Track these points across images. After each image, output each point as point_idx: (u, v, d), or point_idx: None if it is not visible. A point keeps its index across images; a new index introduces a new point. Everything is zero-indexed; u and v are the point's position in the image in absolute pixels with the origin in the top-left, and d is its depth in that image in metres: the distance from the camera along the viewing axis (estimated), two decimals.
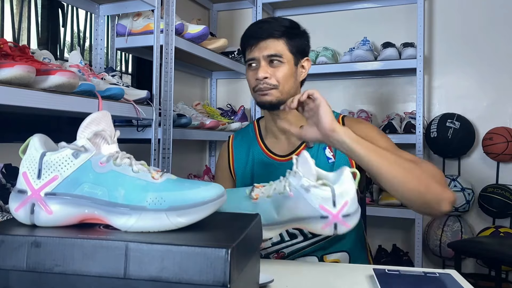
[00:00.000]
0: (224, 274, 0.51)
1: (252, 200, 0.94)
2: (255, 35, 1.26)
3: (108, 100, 1.46)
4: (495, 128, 2.66)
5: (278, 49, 1.24)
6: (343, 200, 0.87)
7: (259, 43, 1.24)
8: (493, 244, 2.28)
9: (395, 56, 2.64)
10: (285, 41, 1.25)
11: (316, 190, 0.86)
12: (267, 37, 1.24)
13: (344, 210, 0.87)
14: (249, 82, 1.29)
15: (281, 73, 1.24)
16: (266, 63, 1.24)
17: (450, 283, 0.87)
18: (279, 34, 1.24)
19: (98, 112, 0.66)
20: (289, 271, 1.00)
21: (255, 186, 0.96)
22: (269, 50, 1.24)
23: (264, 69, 1.23)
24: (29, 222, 0.63)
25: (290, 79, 1.26)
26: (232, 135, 1.46)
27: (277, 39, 1.24)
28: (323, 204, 0.87)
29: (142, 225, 0.60)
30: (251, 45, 1.26)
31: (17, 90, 1.10)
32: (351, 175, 0.88)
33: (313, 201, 0.87)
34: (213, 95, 3.06)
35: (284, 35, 1.25)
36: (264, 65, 1.24)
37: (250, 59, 1.27)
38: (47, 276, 0.55)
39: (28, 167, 0.64)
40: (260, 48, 1.24)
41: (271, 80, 1.23)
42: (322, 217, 0.87)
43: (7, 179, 1.26)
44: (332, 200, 0.86)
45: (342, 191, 0.87)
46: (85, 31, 2.15)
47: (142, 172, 0.63)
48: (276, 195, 0.91)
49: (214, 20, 3.07)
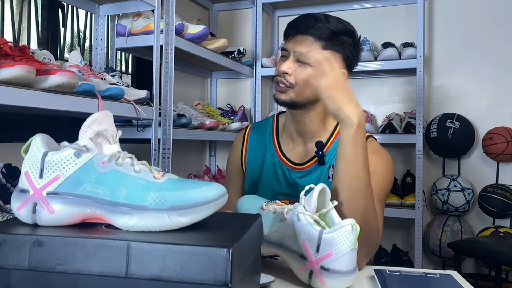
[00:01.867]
0: (226, 274, 0.51)
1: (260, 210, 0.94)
2: (296, 27, 1.18)
3: (108, 100, 1.46)
4: (495, 128, 2.66)
5: (310, 50, 1.14)
6: (328, 250, 0.78)
7: (296, 36, 1.17)
8: (493, 244, 2.28)
9: (395, 56, 2.64)
10: (323, 44, 1.15)
11: (305, 223, 0.81)
12: (305, 33, 1.16)
13: (325, 261, 0.78)
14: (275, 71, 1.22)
15: (303, 75, 1.14)
16: (294, 58, 1.16)
17: (451, 284, 0.87)
18: (319, 36, 1.15)
19: (100, 112, 0.66)
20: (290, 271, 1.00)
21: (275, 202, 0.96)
22: (300, 47, 1.15)
23: (289, 64, 1.16)
24: (31, 221, 0.63)
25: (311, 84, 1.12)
26: (250, 126, 1.39)
27: (315, 39, 1.15)
28: (306, 243, 0.80)
29: (143, 225, 0.60)
30: (289, 35, 1.20)
31: (17, 90, 1.10)
32: (350, 228, 0.78)
33: (300, 234, 0.81)
34: (213, 95, 3.07)
35: (325, 38, 1.15)
36: (291, 59, 1.16)
37: (283, 49, 1.20)
38: (49, 275, 0.55)
39: (30, 166, 0.64)
40: (295, 41, 1.17)
41: (291, 78, 1.16)
42: (302, 257, 0.82)
43: (7, 179, 1.26)
44: (316, 244, 0.79)
45: (331, 239, 0.78)
46: (85, 31, 2.15)
47: (143, 172, 0.63)
48: (278, 214, 0.89)
49: (214, 20, 3.08)
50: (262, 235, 0.76)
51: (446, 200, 2.66)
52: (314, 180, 1.21)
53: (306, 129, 1.23)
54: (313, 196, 0.83)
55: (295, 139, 1.27)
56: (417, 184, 2.56)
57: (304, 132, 1.25)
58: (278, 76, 1.18)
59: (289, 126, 1.28)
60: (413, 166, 2.68)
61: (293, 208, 0.86)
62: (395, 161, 2.87)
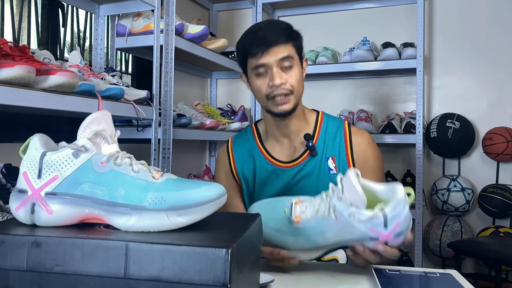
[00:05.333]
0: (224, 274, 0.51)
1: (294, 224, 0.89)
2: (264, 41, 1.19)
3: (108, 100, 1.46)
4: (495, 128, 2.66)
5: (288, 51, 1.20)
6: (395, 222, 0.83)
7: (269, 49, 1.18)
8: (493, 244, 2.28)
9: (395, 56, 2.64)
10: (292, 44, 1.21)
11: (366, 219, 0.83)
12: (277, 42, 1.19)
13: (396, 230, 0.83)
14: (259, 91, 1.23)
15: (294, 78, 1.20)
16: (278, 69, 1.19)
17: (451, 283, 0.87)
18: (286, 38, 1.20)
19: (98, 112, 0.66)
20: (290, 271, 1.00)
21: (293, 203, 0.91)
22: (282, 53, 1.18)
23: (279, 75, 1.18)
24: (29, 222, 0.63)
25: (301, 81, 1.23)
26: (231, 139, 1.40)
27: (285, 43, 1.20)
28: (374, 228, 0.84)
29: (142, 225, 0.60)
30: (260, 52, 1.19)
31: (17, 90, 1.10)
32: (405, 196, 0.83)
33: (363, 227, 0.84)
34: (213, 95, 3.06)
35: (289, 37, 1.21)
36: (277, 71, 1.19)
37: (260, 65, 1.20)
38: (47, 276, 0.55)
39: (29, 166, 0.64)
40: (270, 54, 1.18)
41: (287, 85, 1.19)
42: (372, 239, 0.85)
43: (7, 179, 1.26)
44: (383, 224, 0.83)
45: (394, 215, 0.82)
46: (85, 31, 2.15)
47: (142, 172, 0.63)
48: (320, 220, 0.86)
49: (214, 20, 3.07)
50: (262, 235, 0.76)
51: (446, 200, 2.66)
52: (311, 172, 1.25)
53: (291, 128, 1.28)
54: (355, 184, 0.82)
55: (281, 141, 1.31)
56: (417, 184, 2.56)
57: (289, 132, 1.28)
58: (274, 91, 1.20)
59: (275, 132, 1.31)
60: (413, 166, 2.68)
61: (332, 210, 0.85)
62: (395, 161, 2.89)
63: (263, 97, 1.23)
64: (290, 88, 1.20)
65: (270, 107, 1.23)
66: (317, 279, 0.94)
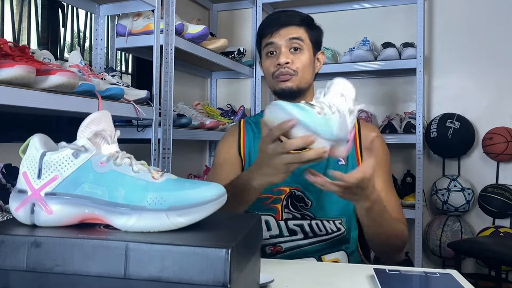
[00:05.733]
0: (224, 274, 0.51)
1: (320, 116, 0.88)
2: (276, 22, 1.26)
3: (108, 100, 1.46)
4: (495, 128, 2.66)
5: (299, 33, 1.25)
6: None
7: (280, 29, 1.25)
8: (493, 244, 2.28)
9: (395, 56, 2.64)
10: (305, 29, 1.27)
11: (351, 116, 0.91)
12: (289, 24, 1.25)
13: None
14: (267, 70, 1.28)
15: (301, 61, 1.24)
16: (287, 49, 1.24)
17: (451, 283, 0.87)
18: (299, 22, 1.26)
19: (98, 112, 0.66)
20: (290, 271, 1.00)
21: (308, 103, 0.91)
22: (291, 34, 1.24)
23: (286, 54, 1.23)
24: (29, 222, 0.63)
25: (309, 68, 1.26)
26: (243, 120, 1.44)
27: (298, 26, 1.26)
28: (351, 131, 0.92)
29: (142, 225, 0.60)
30: (271, 32, 1.26)
31: (17, 90, 1.10)
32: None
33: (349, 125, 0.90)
34: (213, 95, 3.06)
35: (304, 23, 1.27)
36: (285, 51, 1.24)
37: (269, 44, 1.26)
38: (47, 276, 0.55)
39: (28, 167, 0.64)
40: (281, 34, 1.25)
41: (292, 65, 1.23)
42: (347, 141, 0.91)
43: (7, 179, 1.26)
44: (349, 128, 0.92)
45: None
46: (85, 31, 2.15)
47: (142, 172, 0.63)
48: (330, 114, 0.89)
49: (214, 20, 3.07)
50: (262, 234, 0.76)
51: (446, 200, 2.66)
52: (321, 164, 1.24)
53: None
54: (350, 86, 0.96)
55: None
56: (417, 184, 2.56)
57: None
58: (279, 69, 1.24)
59: None
60: (413, 166, 2.68)
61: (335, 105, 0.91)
62: (395, 161, 2.89)
63: (269, 76, 1.27)
64: (295, 69, 1.23)
65: (275, 86, 1.27)
66: (317, 279, 0.94)
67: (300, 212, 1.27)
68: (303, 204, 1.26)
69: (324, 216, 1.25)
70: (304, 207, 1.26)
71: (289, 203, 1.27)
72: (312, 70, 1.28)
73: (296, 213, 1.27)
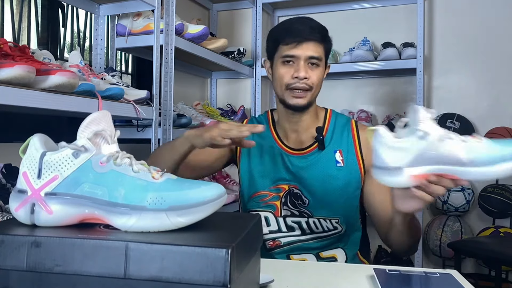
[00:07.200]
0: (224, 274, 0.51)
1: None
2: (300, 34, 1.24)
3: (108, 100, 1.46)
4: (495, 128, 2.66)
5: (320, 53, 1.26)
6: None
7: (303, 43, 1.24)
8: (493, 244, 2.28)
9: (395, 56, 2.64)
10: (323, 45, 1.27)
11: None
12: (312, 40, 1.24)
13: None
14: (281, 78, 1.27)
15: (317, 77, 1.26)
16: (306, 64, 1.25)
17: (451, 283, 0.87)
18: (321, 38, 1.26)
19: (98, 112, 0.66)
20: (290, 271, 1.00)
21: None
22: (312, 52, 1.24)
23: (305, 69, 1.24)
24: (29, 222, 0.63)
25: (321, 82, 1.29)
26: (247, 119, 1.46)
27: (319, 42, 1.26)
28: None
29: (142, 225, 0.60)
30: (293, 42, 1.24)
31: (17, 90, 1.10)
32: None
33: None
34: (213, 95, 3.06)
35: (323, 39, 1.27)
36: (304, 65, 1.24)
37: (289, 56, 1.25)
38: (47, 276, 0.55)
39: (28, 167, 0.64)
40: (303, 48, 1.24)
41: (309, 81, 1.24)
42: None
43: (7, 179, 1.26)
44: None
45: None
46: (85, 31, 2.15)
47: (142, 172, 0.63)
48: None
49: (214, 20, 3.07)
50: (262, 234, 0.76)
51: (446, 200, 2.66)
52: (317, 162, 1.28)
53: (302, 124, 1.32)
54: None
55: (289, 134, 1.34)
56: None
57: (299, 127, 1.32)
58: (296, 83, 1.24)
59: (285, 125, 1.35)
60: None
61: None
62: None
63: (282, 85, 1.27)
64: (311, 85, 1.25)
65: (285, 98, 1.27)
66: (317, 279, 0.94)
67: (298, 210, 1.29)
68: (301, 202, 1.28)
69: (320, 214, 1.27)
70: (302, 205, 1.28)
71: (288, 200, 1.29)
72: (321, 84, 1.31)
73: (294, 210, 1.29)
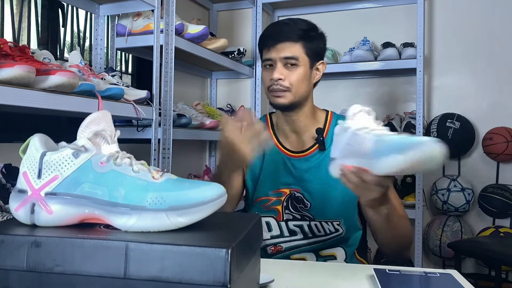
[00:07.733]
0: (224, 274, 0.51)
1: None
2: (273, 36, 1.27)
3: (108, 100, 1.46)
4: (495, 128, 2.66)
5: (294, 52, 1.25)
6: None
7: (277, 45, 1.25)
8: (493, 244, 2.28)
9: (395, 56, 2.64)
10: (302, 44, 1.26)
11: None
12: (285, 40, 1.25)
13: None
14: (264, 82, 1.31)
15: (295, 76, 1.25)
16: (282, 64, 1.25)
17: (451, 283, 0.87)
18: (297, 38, 1.26)
19: (98, 112, 0.66)
20: (290, 271, 1.00)
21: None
22: (286, 53, 1.25)
23: (279, 70, 1.25)
24: (29, 222, 0.63)
25: (303, 82, 1.27)
26: None
27: (294, 42, 1.25)
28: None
29: (142, 225, 0.60)
30: (268, 46, 1.27)
31: (17, 90, 1.10)
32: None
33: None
34: (213, 95, 3.06)
35: (301, 38, 1.26)
36: (279, 66, 1.25)
37: (267, 59, 1.28)
38: (47, 276, 0.55)
39: (28, 167, 0.64)
40: (277, 50, 1.25)
41: (285, 82, 1.25)
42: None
43: (7, 179, 1.26)
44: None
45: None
46: (85, 31, 2.15)
47: (142, 172, 0.63)
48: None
49: (214, 20, 3.07)
50: (262, 234, 0.76)
51: (446, 200, 2.66)
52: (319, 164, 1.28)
53: (299, 124, 1.32)
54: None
55: (290, 136, 1.35)
56: (417, 184, 2.56)
57: (297, 128, 1.32)
58: (272, 85, 1.26)
59: (284, 127, 1.35)
60: None
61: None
62: None
63: (265, 89, 1.31)
64: (288, 85, 1.25)
65: (270, 99, 1.30)
66: (317, 279, 0.94)
67: (299, 213, 1.29)
68: (303, 205, 1.29)
69: (322, 217, 1.28)
70: (304, 208, 1.29)
71: (289, 204, 1.30)
72: (308, 83, 1.29)
73: (296, 214, 1.29)
